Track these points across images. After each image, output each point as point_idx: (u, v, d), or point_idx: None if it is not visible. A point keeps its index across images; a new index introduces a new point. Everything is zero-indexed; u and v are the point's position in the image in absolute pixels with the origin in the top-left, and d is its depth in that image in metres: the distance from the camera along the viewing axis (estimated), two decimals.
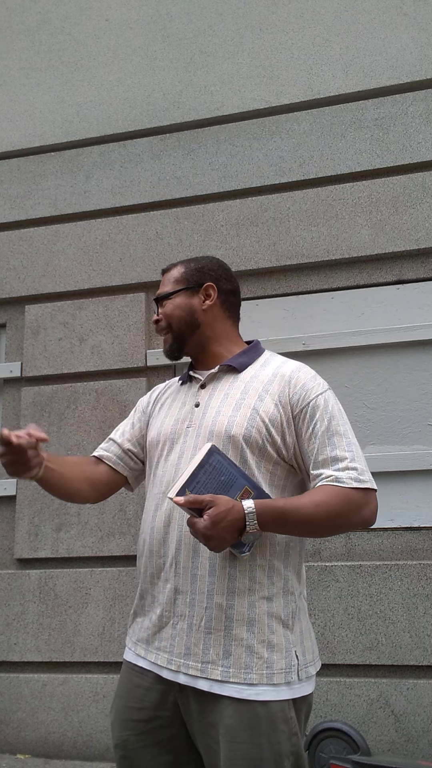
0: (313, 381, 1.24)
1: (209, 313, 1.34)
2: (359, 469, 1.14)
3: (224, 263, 1.41)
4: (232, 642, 1.10)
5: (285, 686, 1.09)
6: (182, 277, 1.36)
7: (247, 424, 1.17)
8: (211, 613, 1.12)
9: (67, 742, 2.69)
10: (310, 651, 1.18)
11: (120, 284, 3.13)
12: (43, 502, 2.94)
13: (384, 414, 2.77)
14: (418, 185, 2.89)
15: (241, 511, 1.06)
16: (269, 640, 1.10)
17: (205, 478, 1.10)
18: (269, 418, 1.18)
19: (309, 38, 3.21)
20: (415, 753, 2.39)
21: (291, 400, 1.20)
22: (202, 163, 3.17)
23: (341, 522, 1.12)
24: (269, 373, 1.26)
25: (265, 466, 1.18)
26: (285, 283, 2.97)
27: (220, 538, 1.04)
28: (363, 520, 1.13)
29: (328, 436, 1.16)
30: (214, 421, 1.21)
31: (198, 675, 1.10)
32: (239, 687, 1.07)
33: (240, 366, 1.28)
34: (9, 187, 3.40)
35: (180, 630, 1.14)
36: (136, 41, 3.44)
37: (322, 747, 2.25)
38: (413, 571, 2.52)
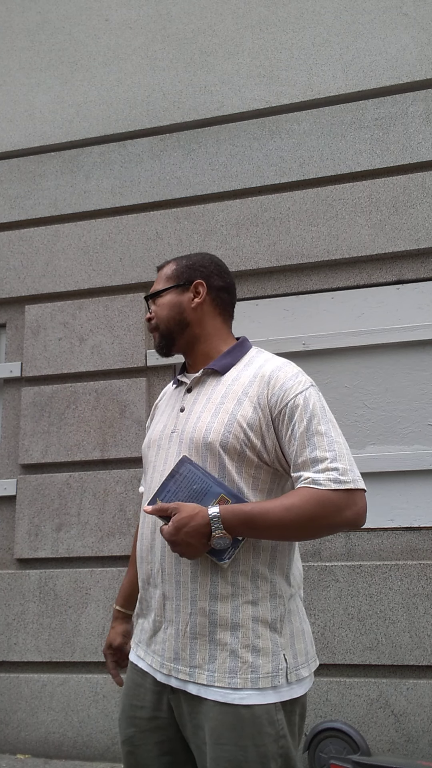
0: (293, 380, 1.18)
1: (198, 311, 1.31)
2: (341, 469, 1.08)
3: (217, 259, 1.39)
4: (217, 647, 1.10)
5: (271, 690, 1.08)
6: (173, 274, 1.35)
7: (224, 431, 1.15)
8: (196, 619, 1.12)
9: (67, 742, 2.69)
10: (303, 653, 1.16)
11: (120, 284, 3.13)
12: (43, 502, 2.94)
13: (384, 414, 2.77)
14: (418, 185, 2.89)
15: (206, 517, 1.06)
16: (254, 645, 1.09)
17: (176, 488, 1.13)
18: (247, 423, 1.15)
19: (309, 38, 3.21)
20: (415, 753, 2.39)
21: (270, 402, 1.16)
22: (202, 163, 3.17)
23: (318, 525, 1.07)
24: (251, 373, 1.22)
25: (247, 471, 1.16)
26: (285, 283, 2.97)
27: (185, 544, 1.06)
28: (346, 522, 1.08)
29: (308, 437, 1.11)
30: (194, 427, 1.20)
31: (187, 679, 1.12)
32: (224, 691, 1.07)
33: (222, 368, 1.26)
34: (9, 187, 3.40)
35: (169, 635, 1.16)
36: (136, 41, 3.44)
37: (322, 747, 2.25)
38: (413, 571, 2.52)
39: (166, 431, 1.29)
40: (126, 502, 2.85)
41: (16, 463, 3.08)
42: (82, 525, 2.87)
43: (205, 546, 1.08)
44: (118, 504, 2.85)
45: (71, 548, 2.86)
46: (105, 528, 2.84)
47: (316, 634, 2.53)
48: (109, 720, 2.67)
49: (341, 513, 1.06)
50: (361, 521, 1.09)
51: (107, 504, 2.87)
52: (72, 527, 2.88)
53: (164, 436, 1.28)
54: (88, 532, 2.86)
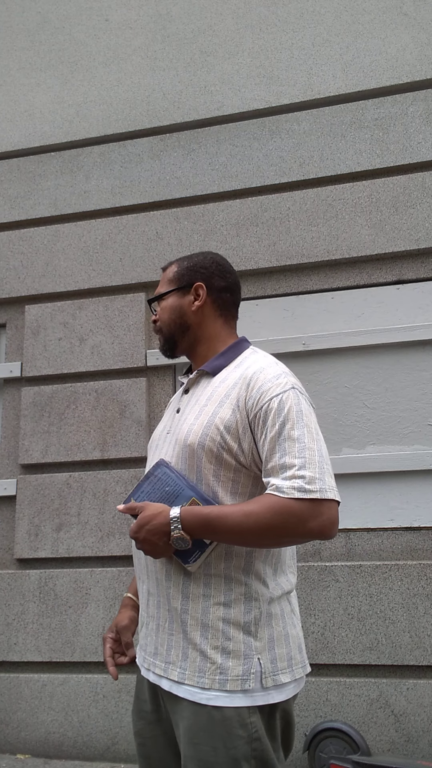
0: (273, 381, 1.15)
1: (199, 314, 1.31)
2: (307, 477, 1.03)
3: (220, 258, 1.37)
4: (189, 645, 1.11)
5: (240, 693, 1.06)
6: (174, 276, 1.35)
7: (202, 432, 1.15)
8: (172, 616, 1.14)
9: (67, 742, 2.69)
10: (284, 658, 1.12)
11: (120, 284, 3.13)
12: (43, 502, 2.94)
13: (384, 414, 2.77)
14: (418, 185, 2.89)
15: (167, 516, 1.07)
16: (224, 647, 1.08)
17: (150, 488, 1.16)
18: (225, 425, 1.14)
19: (309, 38, 3.21)
20: (415, 753, 2.39)
21: (247, 405, 1.14)
22: (202, 163, 3.17)
23: (277, 534, 1.04)
24: (237, 375, 1.21)
25: (225, 474, 1.14)
26: (285, 283, 2.97)
27: (147, 542, 1.08)
28: (310, 533, 1.03)
29: (279, 442, 1.08)
30: (180, 428, 1.21)
31: (161, 674, 1.14)
32: (192, 690, 1.08)
33: (213, 370, 1.26)
34: (9, 187, 3.40)
35: (151, 630, 1.19)
36: (136, 41, 3.44)
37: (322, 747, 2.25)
38: (413, 571, 2.52)
39: (164, 432, 1.31)
40: None
41: (16, 463, 3.08)
42: (82, 525, 2.87)
43: (167, 545, 1.08)
44: (118, 504, 2.85)
45: (71, 548, 2.86)
46: (105, 528, 2.84)
47: (316, 634, 2.53)
48: (109, 720, 2.67)
49: (303, 524, 1.02)
50: (328, 533, 1.04)
51: (107, 504, 2.87)
52: (72, 527, 2.88)
53: (161, 437, 1.31)
54: (88, 532, 2.86)
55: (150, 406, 2.97)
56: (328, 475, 1.07)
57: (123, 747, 2.63)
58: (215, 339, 1.32)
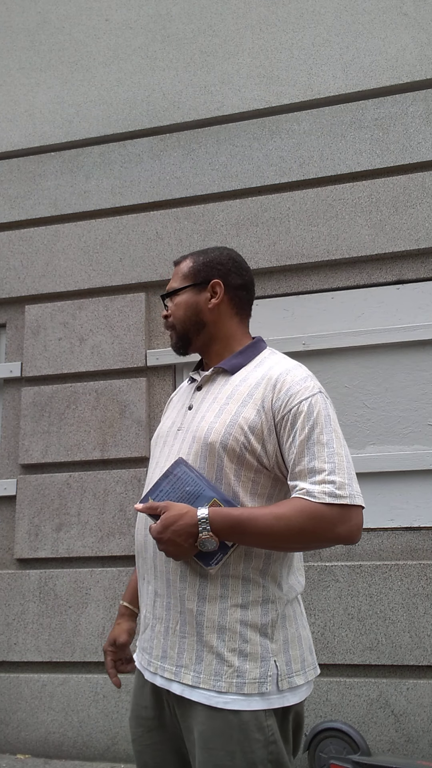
0: (300, 384, 1.14)
1: (215, 312, 1.28)
2: (338, 483, 1.04)
3: (235, 255, 1.34)
4: (204, 648, 1.08)
5: (258, 696, 1.05)
6: (190, 272, 1.31)
7: (224, 431, 1.13)
8: (185, 618, 1.11)
9: (67, 742, 2.69)
10: (298, 660, 1.12)
11: (120, 284, 3.13)
12: (43, 502, 2.94)
13: (384, 414, 2.77)
14: (418, 185, 2.89)
15: (194, 517, 1.05)
16: (241, 649, 1.07)
17: (169, 488, 1.13)
18: (249, 425, 1.12)
19: (309, 38, 3.21)
20: (415, 753, 2.39)
21: (273, 406, 1.13)
22: (202, 163, 3.17)
23: (307, 538, 1.04)
24: (259, 375, 1.19)
25: (246, 475, 1.13)
26: (285, 283, 2.97)
27: (172, 543, 1.05)
28: (338, 538, 1.04)
29: (308, 446, 1.07)
30: (198, 426, 1.18)
31: (172, 678, 1.10)
32: (208, 693, 1.06)
33: (232, 368, 1.23)
34: (9, 187, 3.40)
35: (158, 632, 1.15)
36: (136, 41, 3.44)
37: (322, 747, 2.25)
38: (413, 571, 2.52)
39: (173, 428, 1.27)
40: (126, 502, 2.85)
41: (16, 463, 3.08)
42: (82, 525, 2.87)
43: (192, 547, 1.06)
44: (118, 504, 2.85)
45: (71, 548, 2.86)
46: (105, 528, 2.84)
47: (316, 634, 2.53)
48: (109, 720, 2.67)
49: (333, 528, 1.03)
50: (355, 538, 1.05)
51: (107, 504, 2.87)
52: (72, 527, 2.88)
53: (171, 433, 1.27)
54: (88, 532, 2.86)
55: (150, 406, 2.97)
56: (355, 481, 1.07)
57: (123, 747, 2.63)
58: (231, 337, 1.30)
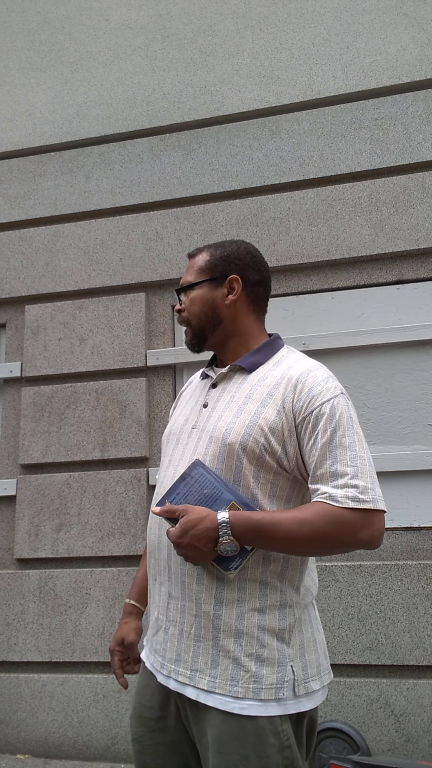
0: (322, 385, 1.11)
1: (232, 308, 1.24)
2: (361, 487, 1.02)
3: (253, 249, 1.30)
4: (220, 652, 1.06)
5: (274, 702, 1.03)
6: (206, 266, 1.26)
7: (244, 432, 1.10)
8: (200, 622, 1.09)
9: (67, 742, 2.69)
10: (314, 665, 1.10)
11: (120, 284, 3.13)
12: (43, 502, 2.94)
13: (384, 414, 2.77)
14: (418, 185, 2.89)
15: (214, 521, 1.03)
16: (258, 654, 1.05)
17: (186, 490, 1.10)
18: (269, 426, 1.10)
19: (309, 38, 3.21)
20: (415, 753, 2.39)
21: (294, 407, 1.10)
22: (202, 163, 3.17)
23: (329, 544, 1.03)
24: (278, 374, 1.16)
25: (265, 477, 1.10)
26: (285, 283, 2.97)
27: (191, 547, 1.03)
28: (360, 543, 1.03)
29: (330, 449, 1.05)
30: (215, 425, 1.15)
31: (186, 682, 1.08)
32: (224, 699, 1.04)
33: (250, 366, 1.20)
34: (9, 187, 3.40)
35: (171, 635, 1.13)
36: (136, 41, 3.44)
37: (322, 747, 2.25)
38: (413, 571, 2.52)
39: (187, 426, 1.24)
40: (126, 502, 2.85)
41: (16, 463, 3.08)
42: (82, 525, 2.87)
43: (212, 551, 1.04)
44: (118, 504, 2.85)
45: (71, 548, 2.86)
46: (105, 528, 2.84)
47: None
48: (109, 720, 2.67)
49: (356, 534, 1.01)
50: (377, 543, 1.04)
51: (107, 504, 2.87)
52: (72, 527, 2.88)
53: (184, 431, 1.24)
54: (88, 532, 2.86)
55: (150, 406, 2.97)
56: (377, 485, 1.06)
57: (123, 747, 2.63)
58: (248, 335, 1.26)
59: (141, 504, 2.83)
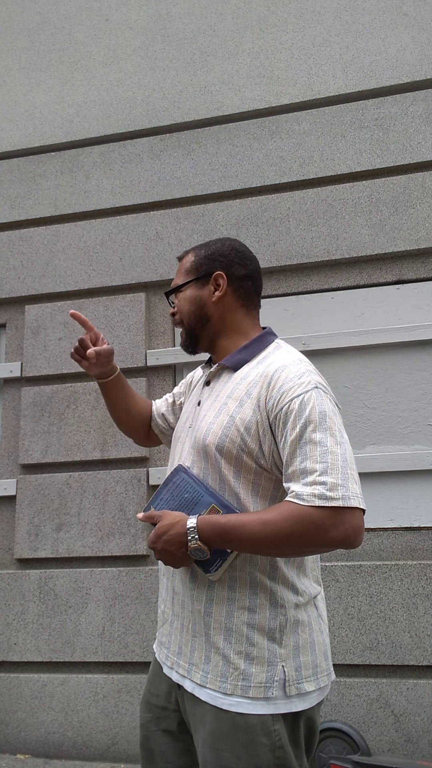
0: (294, 381, 1.08)
1: (220, 305, 1.25)
2: (329, 484, 0.97)
3: (238, 244, 1.29)
4: (212, 648, 1.09)
5: (263, 701, 1.03)
6: (192, 266, 1.28)
7: (221, 434, 1.10)
8: (195, 618, 1.12)
9: (67, 742, 2.69)
10: (310, 666, 1.09)
11: (120, 284, 3.13)
12: (43, 502, 2.94)
13: (384, 414, 2.77)
14: (418, 185, 2.89)
15: (184, 526, 1.04)
16: (248, 652, 1.06)
17: (168, 496, 1.13)
18: (245, 426, 1.09)
19: (309, 38, 3.21)
20: (415, 753, 2.39)
21: (267, 405, 1.08)
22: (202, 163, 3.17)
23: (296, 544, 0.99)
24: (259, 372, 1.14)
25: (245, 477, 1.10)
26: (285, 283, 2.97)
27: (165, 552, 1.06)
28: (333, 543, 0.98)
29: (300, 445, 1.01)
30: (199, 426, 1.17)
31: (185, 675, 1.13)
32: (215, 694, 1.06)
33: (235, 365, 1.19)
34: (9, 187, 3.40)
35: (175, 629, 1.17)
36: (136, 41, 3.44)
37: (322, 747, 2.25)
38: (413, 571, 2.52)
39: (186, 424, 1.27)
40: (126, 502, 2.85)
41: (16, 463, 3.07)
42: (82, 525, 2.87)
43: (185, 555, 1.06)
44: (118, 504, 2.85)
45: (71, 548, 2.86)
46: (105, 528, 2.84)
47: None
48: (109, 720, 2.67)
49: (325, 533, 0.97)
50: (352, 542, 0.98)
51: (107, 504, 2.87)
52: (72, 527, 2.88)
53: (184, 429, 1.27)
54: (88, 532, 2.86)
55: None
56: (352, 481, 1.00)
57: (123, 747, 2.63)
58: (237, 331, 1.26)
59: (141, 504, 2.83)
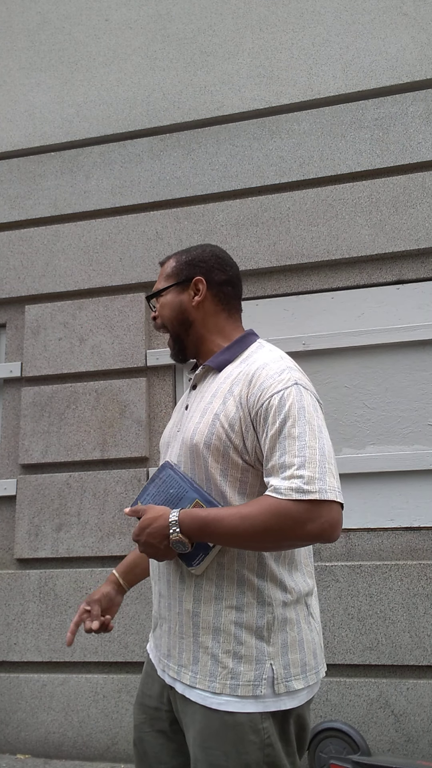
0: (274, 378, 1.10)
1: (200, 309, 1.27)
2: (306, 477, 0.99)
3: (219, 251, 1.32)
4: (200, 649, 1.09)
5: (252, 699, 1.04)
6: (172, 272, 1.31)
7: (207, 431, 1.12)
8: (182, 619, 1.13)
9: (67, 742, 2.69)
10: (298, 664, 1.09)
11: (120, 284, 3.13)
12: (43, 502, 2.94)
13: (384, 414, 2.77)
14: (418, 185, 2.89)
15: (167, 519, 1.06)
16: (236, 651, 1.06)
17: (155, 491, 1.16)
18: (229, 423, 1.11)
19: (309, 38, 3.21)
20: (415, 753, 2.39)
21: (249, 401, 1.10)
22: (202, 163, 3.17)
23: (275, 538, 1.00)
24: (241, 370, 1.17)
25: (232, 474, 1.11)
26: (285, 283, 2.97)
27: (148, 545, 1.08)
28: (310, 536, 0.99)
29: (280, 440, 1.04)
30: (187, 427, 1.19)
31: (175, 677, 1.13)
32: (204, 694, 1.07)
33: (218, 365, 1.21)
34: (9, 187, 3.40)
35: (164, 631, 1.18)
36: (136, 41, 3.44)
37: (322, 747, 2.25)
38: (413, 571, 2.52)
39: (174, 429, 1.29)
40: (126, 502, 2.85)
41: (16, 463, 3.07)
42: (82, 525, 2.87)
43: (168, 548, 1.07)
44: (118, 504, 2.85)
45: (71, 548, 2.86)
46: (105, 528, 2.84)
47: None
48: (109, 720, 2.67)
49: (302, 527, 0.98)
50: (328, 536, 0.99)
51: (107, 504, 2.87)
52: (72, 527, 2.88)
53: (172, 434, 1.29)
54: (88, 532, 2.86)
55: (150, 406, 2.97)
56: (330, 475, 1.01)
57: (123, 747, 2.63)
58: (219, 334, 1.28)
59: None
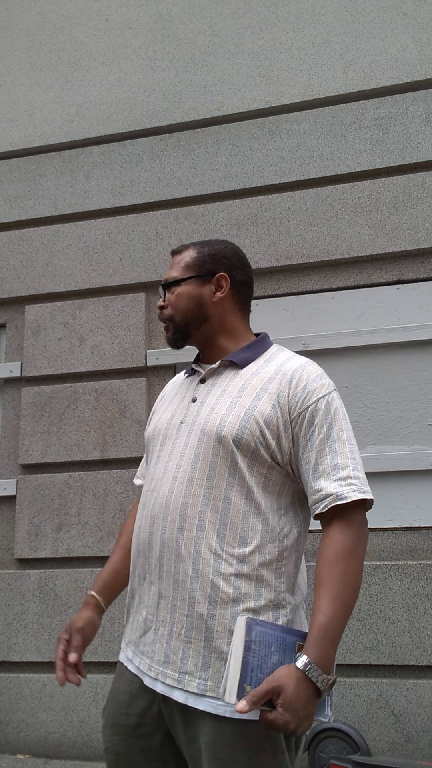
0: (317, 381, 1.13)
1: (219, 306, 1.24)
2: (362, 479, 1.08)
3: (239, 250, 1.31)
4: (212, 654, 1.03)
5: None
6: (194, 262, 1.26)
7: (239, 425, 1.09)
8: (192, 622, 1.05)
9: (67, 742, 2.69)
10: None
11: (120, 284, 3.13)
12: (43, 502, 2.94)
13: (384, 414, 2.77)
14: (418, 185, 2.89)
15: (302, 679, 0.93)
16: None
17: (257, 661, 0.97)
18: (264, 420, 1.10)
19: (309, 38, 3.21)
20: (415, 753, 2.39)
21: (290, 402, 1.11)
22: (202, 163, 3.17)
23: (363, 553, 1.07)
24: (272, 369, 1.16)
25: (258, 470, 1.10)
26: (285, 283, 2.97)
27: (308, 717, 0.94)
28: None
29: (329, 443, 1.08)
30: (207, 419, 1.13)
31: (174, 685, 1.04)
32: (216, 702, 1.00)
33: (242, 362, 1.19)
34: (9, 187, 3.40)
35: (161, 636, 1.09)
36: (136, 41, 3.44)
37: (322, 747, 2.25)
38: (413, 571, 2.52)
39: (174, 421, 1.21)
40: (126, 502, 2.85)
41: (16, 463, 3.08)
42: (82, 525, 2.87)
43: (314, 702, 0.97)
44: (118, 504, 2.85)
45: (71, 548, 2.86)
46: (105, 528, 2.84)
47: None
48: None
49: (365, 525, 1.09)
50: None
51: (107, 504, 2.87)
52: (72, 527, 2.88)
53: (172, 426, 1.21)
54: (88, 532, 2.86)
55: (150, 406, 2.97)
56: None
57: None
58: (235, 332, 1.27)
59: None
